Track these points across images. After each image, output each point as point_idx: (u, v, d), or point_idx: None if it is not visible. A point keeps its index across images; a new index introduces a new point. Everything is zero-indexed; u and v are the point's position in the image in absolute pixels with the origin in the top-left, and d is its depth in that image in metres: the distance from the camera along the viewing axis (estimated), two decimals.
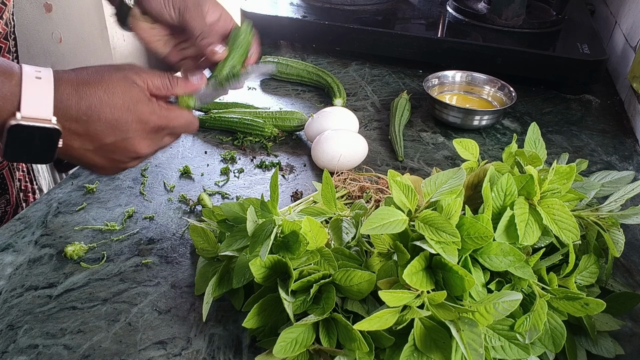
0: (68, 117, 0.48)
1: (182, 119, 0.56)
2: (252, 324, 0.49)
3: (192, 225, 0.59)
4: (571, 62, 1.01)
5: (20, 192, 0.85)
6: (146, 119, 0.52)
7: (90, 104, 0.48)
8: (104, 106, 0.49)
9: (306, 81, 1.04)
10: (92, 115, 0.49)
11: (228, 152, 0.82)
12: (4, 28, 0.74)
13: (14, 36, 0.79)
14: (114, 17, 0.64)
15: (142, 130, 0.52)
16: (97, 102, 0.49)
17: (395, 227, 0.47)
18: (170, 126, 0.54)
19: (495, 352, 0.46)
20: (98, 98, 0.49)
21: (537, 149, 0.60)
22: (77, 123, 0.49)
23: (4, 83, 0.45)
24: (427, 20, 1.21)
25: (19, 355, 0.51)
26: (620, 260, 0.64)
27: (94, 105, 0.49)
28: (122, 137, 0.51)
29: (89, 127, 0.49)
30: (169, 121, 0.54)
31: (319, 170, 0.79)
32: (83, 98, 0.48)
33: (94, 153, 0.52)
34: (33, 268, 0.61)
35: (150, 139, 0.54)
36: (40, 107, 0.46)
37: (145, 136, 0.53)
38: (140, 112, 0.51)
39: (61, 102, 0.47)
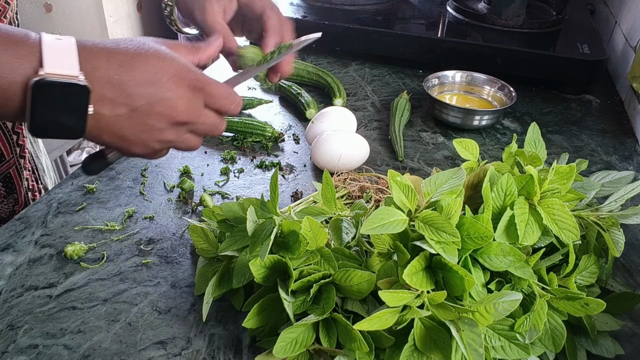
0: (97, 76, 0.44)
1: (222, 87, 0.51)
2: (252, 324, 0.49)
3: (192, 226, 0.59)
4: (571, 62, 1.01)
5: (29, 191, 0.85)
6: (183, 74, 0.48)
7: (121, 62, 0.45)
8: (137, 66, 0.45)
9: (306, 81, 1.04)
10: (123, 74, 0.45)
11: (228, 152, 0.82)
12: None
13: None
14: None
15: (179, 86, 0.48)
16: (129, 61, 0.45)
17: (395, 227, 0.47)
18: (208, 91, 0.50)
19: (495, 352, 0.46)
20: (129, 59, 0.45)
21: (537, 149, 0.60)
22: (107, 84, 0.45)
23: (19, 44, 0.42)
24: (427, 20, 1.21)
25: (19, 355, 0.51)
26: (620, 260, 0.64)
27: (125, 63, 0.45)
28: (157, 96, 0.47)
29: (121, 88, 0.45)
30: (208, 84, 0.50)
31: (319, 171, 0.79)
32: (112, 57, 0.45)
33: (127, 120, 0.47)
34: (33, 268, 0.61)
35: (188, 100, 0.49)
36: (65, 62, 0.42)
37: (183, 95, 0.48)
38: (176, 67, 0.47)
39: (87, 61, 0.44)
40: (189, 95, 0.48)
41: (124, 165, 0.79)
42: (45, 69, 0.42)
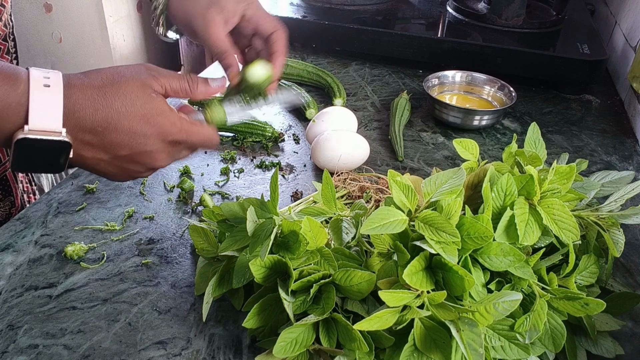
0: (81, 127, 0.46)
1: (203, 134, 0.53)
2: (252, 324, 0.49)
3: (192, 225, 0.59)
4: (571, 62, 1.01)
5: (24, 193, 0.85)
6: (166, 131, 0.50)
7: (106, 116, 0.46)
8: (122, 118, 0.47)
9: (306, 81, 1.04)
10: (108, 127, 0.47)
11: (228, 152, 0.82)
12: (3, 29, 0.74)
13: (12, 37, 0.79)
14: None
15: (161, 143, 0.50)
16: (115, 114, 0.47)
17: (395, 227, 0.47)
18: (189, 141, 0.52)
19: (495, 352, 0.46)
20: (116, 110, 0.47)
21: (537, 149, 0.60)
22: (91, 134, 0.47)
23: (9, 92, 0.43)
24: (427, 20, 1.21)
25: (19, 355, 0.51)
26: (620, 260, 0.64)
27: (110, 117, 0.46)
28: (139, 149, 0.49)
29: (105, 139, 0.47)
30: (189, 135, 0.52)
31: (319, 171, 0.79)
32: (99, 109, 0.46)
33: (108, 164, 0.50)
34: (33, 268, 0.61)
35: (168, 152, 0.52)
36: (49, 118, 0.44)
37: (164, 149, 0.51)
38: (160, 124, 0.49)
39: (73, 112, 0.45)
40: (169, 149, 0.52)
41: None
42: (30, 126, 0.43)
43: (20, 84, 0.44)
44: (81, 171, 0.78)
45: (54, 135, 0.44)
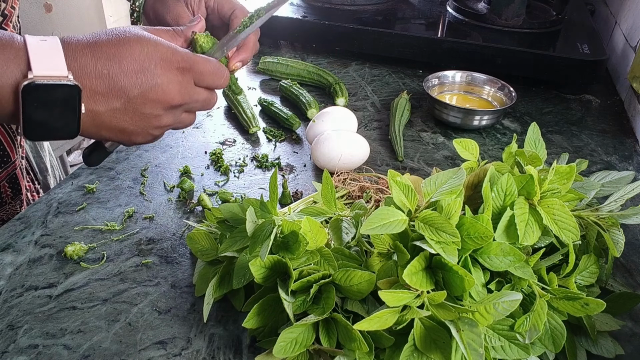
0: (86, 74, 0.44)
1: (209, 64, 0.52)
2: (252, 324, 0.49)
3: (189, 235, 0.59)
4: (571, 62, 1.01)
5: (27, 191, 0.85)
6: (170, 57, 0.48)
7: (108, 56, 0.45)
8: (124, 57, 0.46)
9: (307, 81, 1.04)
10: (112, 68, 0.45)
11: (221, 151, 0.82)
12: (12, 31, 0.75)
13: None
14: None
15: (168, 70, 0.48)
16: (115, 54, 0.45)
17: (395, 227, 0.47)
18: (197, 69, 0.50)
19: (495, 352, 0.46)
20: (114, 51, 0.45)
21: (537, 149, 0.60)
22: (97, 79, 0.45)
23: (5, 47, 0.42)
24: (427, 20, 1.21)
25: (19, 355, 0.51)
26: (620, 260, 0.64)
27: (112, 56, 0.45)
28: (149, 84, 0.47)
29: (112, 82, 0.45)
30: (195, 63, 0.50)
31: (319, 171, 0.79)
32: (97, 51, 0.45)
33: (123, 112, 0.47)
34: (33, 268, 0.61)
35: (179, 83, 0.49)
36: (52, 63, 0.42)
37: (173, 78, 0.49)
38: (162, 52, 0.48)
39: (74, 59, 0.44)
40: (179, 78, 0.49)
41: (124, 165, 0.79)
42: (34, 72, 0.42)
43: (15, 42, 0.43)
44: (81, 171, 0.78)
45: (61, 79, 0.42)
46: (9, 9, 0.72)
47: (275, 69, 1.06)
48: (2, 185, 0.78)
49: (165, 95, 0.48)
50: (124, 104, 0.47)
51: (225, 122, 0.93)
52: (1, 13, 0.70)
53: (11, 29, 0.75)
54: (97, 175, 0.77)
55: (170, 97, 0.49)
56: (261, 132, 0.90)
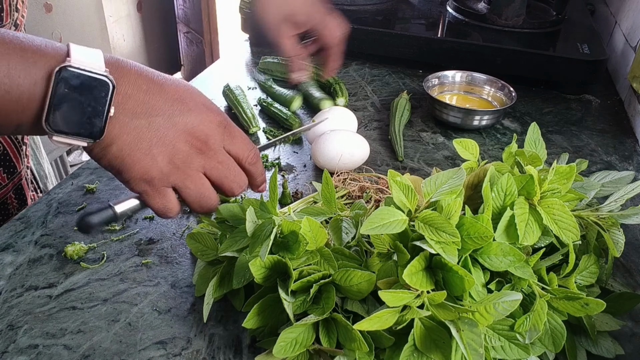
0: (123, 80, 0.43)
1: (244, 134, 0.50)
2: (252, 324, 0.49)
3: (189, 234, 0.59)
4: (571, 62, 1.01)
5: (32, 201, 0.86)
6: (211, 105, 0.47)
7: (151, 79, 0.44)
8: (167, 84, 0.45)
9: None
10: (152, 86, 0.44)
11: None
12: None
13: None
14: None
15: (204, 112, 0.46)
16: (159, 81, 0.45)
17: (395, 227, 0.47)
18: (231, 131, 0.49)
19: (495, 352, 0.46)
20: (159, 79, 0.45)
21: (537, 149, 0.60)
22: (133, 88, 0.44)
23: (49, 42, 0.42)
24: (427, 20, 1.21)
25: (19, 355, 0.51)
26: (620, 260, 0.64)
27: (155, 80, 0.45)
28: (181, 113, 0.45)
29: (147, 97, 0.44)
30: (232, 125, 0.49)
31: (319, 171, 0.79)
32: (143, 72, 0.44)
33: (145, 130, 0.44)
34: (33, 268, 0.61)
35: (209, 127, 0.47)
36: (91, 58, 0.42)
37: (206, 120, 0.46)
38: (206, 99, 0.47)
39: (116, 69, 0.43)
40: (212, 125, 0.47)
41: None
42: (72, 59, 0.41)
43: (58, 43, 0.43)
44: (81, 171, 0.78)
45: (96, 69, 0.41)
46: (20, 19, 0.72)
47: (275, 69, 1.06)
48: (9, 197, 0.78)
49: (191, 129, 0.46)
50: (148, 123, 0.44)
51: None
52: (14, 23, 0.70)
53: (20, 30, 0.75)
54: (97, 175, 0.77)
55: (195, 132, 0.46)
56: (261, 132, 0.90)
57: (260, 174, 0.53)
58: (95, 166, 0.79)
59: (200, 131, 0.46)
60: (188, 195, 0.48)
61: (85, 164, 0.79)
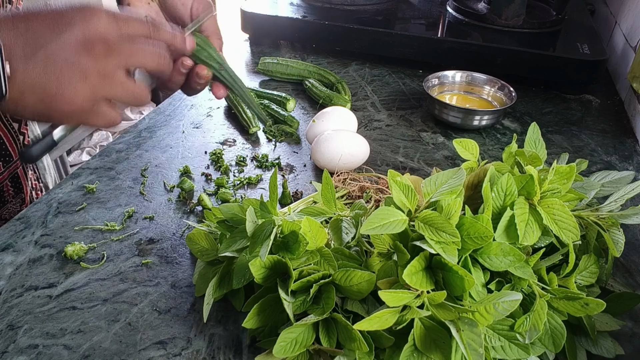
0: (2, 24, 0.41)
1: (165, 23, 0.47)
2: (252, 324, 0.49)
3: (189, 235, 0.59)
4: (571, 62, 1.01)
5: (32, 190, 0.86)
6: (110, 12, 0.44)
7: (25, 15, 0.42)
8: (48, 14, 0.43)
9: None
10: (29, 22, 0.42)
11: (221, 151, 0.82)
12: None
13: None
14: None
15: (87, 14, 0.43)
16: (40, 13, 0.42)
17: (395, 227, 0.47)
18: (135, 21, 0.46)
19: (495, 352, 0.46)
20: (42, 13, 0.43)
21: (537, 149, 0.60)
22: (11, 32, 0.41)
23: None
24: (427, 20, 1.21)
25: (19, 355, 0.51)
26: (620, 260, 0.64)
27: (36, 14, 0.42)
28: (65, 25, 0.43)
29: (28, 34, 0.41)
30: (136, 19, 0.45)
31: (319, 170, 0.79)
32: (22, 14, 0.42)
33: (47, 63, 0.42)
34: (33, 268, 0.61)
35: (106, 25, 0.44)
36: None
37: (98, 18, 0.43)
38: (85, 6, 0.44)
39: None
40: (100, 23, 0.44)
41: (124, 166, 0.79)
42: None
43: None
44: (81, 171, 0.78)
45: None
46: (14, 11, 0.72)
47: (275, 70, 1.06)
48: (5, 185, 0.78)
49: (86, 36, 0.43)
50: (44, 55, 0.42)
51: (225, 122, 0.93)
52: None
53: None
54: (97, 175, 0.77)
55: (92, 38, 0.43)
56: (261, 132, 0.90)
57: (170, 34, 0.50)
58: (95, 166, 0.79)
59: (94, 34, 0.43)
60: (120, 100, 0.47)
61: (85, 164, 0.79)
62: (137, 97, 0.48)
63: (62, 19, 0.43)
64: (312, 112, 0.95)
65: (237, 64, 1.16)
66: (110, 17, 0.45)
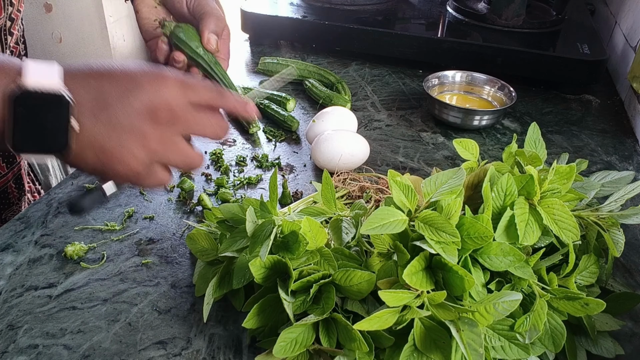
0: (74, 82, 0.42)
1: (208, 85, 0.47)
2: (252, 324, 0.49)
3: (189, 235, 0.59)
4: (571, 62, 1.01)
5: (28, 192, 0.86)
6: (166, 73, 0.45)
7: (101, 73, 0.43)
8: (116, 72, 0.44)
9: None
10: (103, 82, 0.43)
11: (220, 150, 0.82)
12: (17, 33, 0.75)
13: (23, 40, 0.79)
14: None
15: (162, 84, 0.44)
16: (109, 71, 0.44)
17: (395, 227, 0.47)
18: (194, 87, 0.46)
19: (495, 352, 0.46)
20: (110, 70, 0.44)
21: (537, 149, 0.60)
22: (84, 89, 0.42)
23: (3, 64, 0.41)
24: (427, 20, 1.21)
25: (19, 355, 0.51)
26: (620, 260, 0.64)
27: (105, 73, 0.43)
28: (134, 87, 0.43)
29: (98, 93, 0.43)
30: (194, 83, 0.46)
31: (319, 170, 0.79)
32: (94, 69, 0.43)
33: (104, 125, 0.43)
34: (33, 268, 0.61)
35: (173, 95, 0.45)
36: (46, 73, 0.41)
37: (168, 89, 0.44)
38: (162, 77, 0.45)
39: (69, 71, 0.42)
40: (168, 90, 0.44)
41: None
42: (27, 80, 0.40)
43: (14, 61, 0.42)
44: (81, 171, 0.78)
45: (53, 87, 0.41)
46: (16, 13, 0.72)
47: (275, 70, 1.06)
48: (9, 186, 0.78)
49: (153, 103, 0.44)
50: (109, 115, 0.43)
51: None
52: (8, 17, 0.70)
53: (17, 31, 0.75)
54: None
55: (158, 105, 0.44)
56: (261, 132, 0.90)
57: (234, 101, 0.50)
58: None
59: (160, 102, 0.44)
60: (175, 165, 0.48)
61: None
62: (191, 163, 0.48)
63: (132, 82, 0.44)
64: (312, 112, 0.95)
65: (237, 64, 1.16)
66: (178, 84, 0.45)
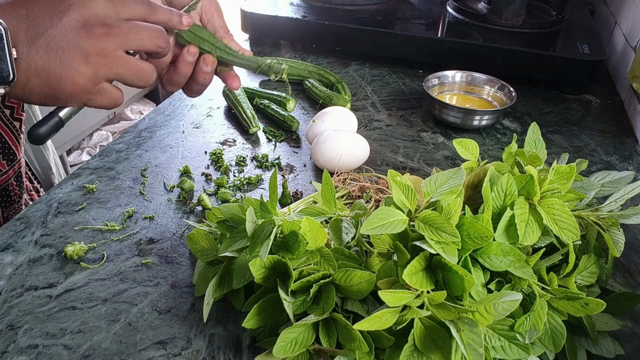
0: (5, 12, 0.43)
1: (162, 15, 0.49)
2: (252, 324, 0.49)
3: (189, 235, 0.59)
4: (571, 62, 1.01)
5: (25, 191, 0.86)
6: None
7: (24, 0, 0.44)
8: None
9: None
10: (29, 7, 0.44)
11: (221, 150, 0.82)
12: None
13: None
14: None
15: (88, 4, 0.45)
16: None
17: (395, 227, 0.47)
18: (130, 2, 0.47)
19: (495, 352, 0.46)
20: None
21: (537, 149, 0.60)
22: (14, 18, 0.43)
23: None
24: (427, 20, 1.21)
25: (19, 355, 0.51)
26: (620, 260, 0.64)
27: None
28: (64, 8, 0.44)
29: (29, 20, 0.43)
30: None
31: (319, 170, 0.79)
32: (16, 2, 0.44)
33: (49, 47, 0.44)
34: (33, 268, 0.61)
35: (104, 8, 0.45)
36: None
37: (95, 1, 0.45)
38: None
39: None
40: (98, 5, 0.45)
41: (124, 166, 0.79)
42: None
43: None
44: (81, 171, 0.78)
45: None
46: None
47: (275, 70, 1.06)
48: (10, 183, 0.78)
49: (85, 19, 0.45)
50: (45, 39, 0.44)
51: (225, 122, 0.93)
52: None
53: None
54: (97, 175, 0.77)
55: (90, 20, 0.45)
56: (261, 132, 0.90)
57: (167, 13, 0.51)
58: (95, 166, 0.79)
59: (91, 16, 0.45)
60: (124, 79, 0.49)
61: (85, 164, 0.79)
62: (140, 73, 0.49)
63: (60, 5, 0.45)
64: (312, 112, 0.95)
65: None
66: (107, 0, 0.46)
